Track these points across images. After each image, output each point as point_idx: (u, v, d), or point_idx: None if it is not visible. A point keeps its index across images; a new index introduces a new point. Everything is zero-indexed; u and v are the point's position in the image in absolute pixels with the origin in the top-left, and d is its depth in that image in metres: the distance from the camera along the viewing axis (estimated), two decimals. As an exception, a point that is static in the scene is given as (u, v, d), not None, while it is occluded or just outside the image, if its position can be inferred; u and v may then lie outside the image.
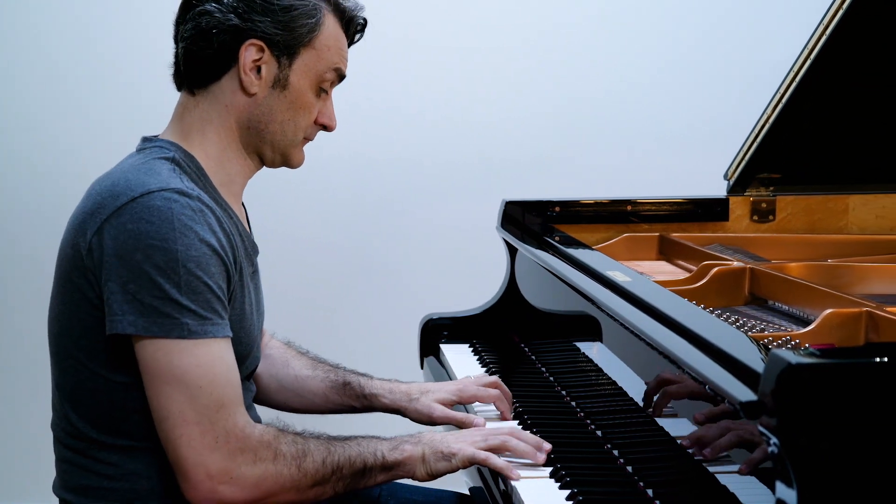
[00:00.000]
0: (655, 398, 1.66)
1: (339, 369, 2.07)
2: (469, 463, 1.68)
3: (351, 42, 1.82)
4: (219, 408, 1.56)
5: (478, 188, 3.54)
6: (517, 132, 3.57)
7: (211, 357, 1.57)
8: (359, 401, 2.02)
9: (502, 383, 2.01)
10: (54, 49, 3.43)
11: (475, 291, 2.81)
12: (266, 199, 3.07)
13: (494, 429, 1.74)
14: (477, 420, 1.90)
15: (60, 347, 1.68)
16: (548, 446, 1.71)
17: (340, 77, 1.79)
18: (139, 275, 1.55)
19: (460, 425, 1.91)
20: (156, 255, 1.55)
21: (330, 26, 1.75)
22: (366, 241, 3.58)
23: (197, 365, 1.55)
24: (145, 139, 1.75)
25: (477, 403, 2.01)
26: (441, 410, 1.96)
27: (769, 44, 3.50)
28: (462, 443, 1.69)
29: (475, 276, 3.31)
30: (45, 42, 3.43)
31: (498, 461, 1.67)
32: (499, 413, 1.98)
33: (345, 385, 2.02)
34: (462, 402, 2.00)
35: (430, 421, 1.98)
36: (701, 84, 3.61)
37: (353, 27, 1.80)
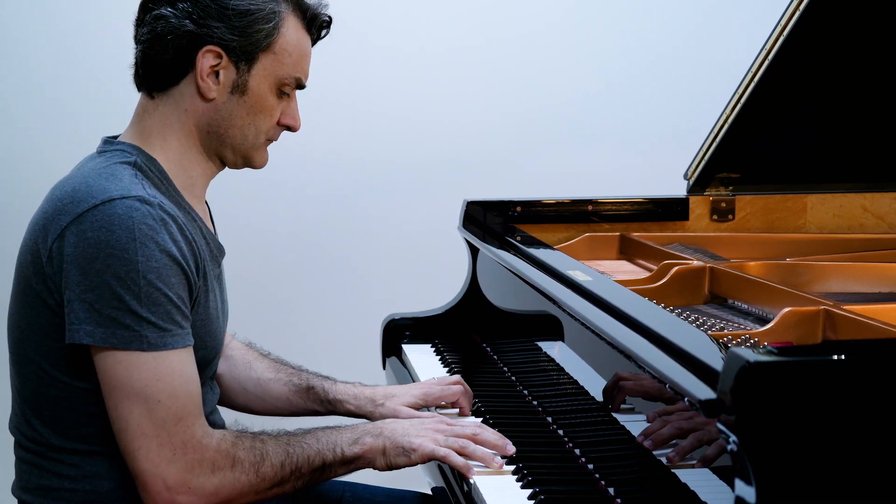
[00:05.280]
0: (613, 393, 1.68)
1: (303, 372, 2.05)
2: (428, 459, 1.69)
3: (315, 40, 1.79)
4: (177, 421, 1.56)
5: (439, 188, 3.54)
6: (479, 132, 3.58)
7: (170, 369, 1.56)
8: (322, 405, 2.01)
9: (464, 382, 2.01)
10: (18, 46, 3.40)
11: (437, 291, 2.81)
12: (227, 197, 3.04)
13: (458, 427, 1.74)
14: None
15: (21, 354, 1.66)
16: (512, 449, 1.72)
17: (300, 87, 1.76)
18: (98, 285, 1.53)
19: None
20: (115, 266, 1.53)
21: (290, 29, 1.71)
22: (327, 241, 3.57)
23: (156, 378, 1.55)
24: (106, 140, 1.72)
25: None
26: (407, 415, 1.93)
27: (728, 44, 3.53)
28: (423, 438, 1.69)
29: (437, 276, 3.31)
30: (7, 39, 3.39)
31: (457, 459, 1.67)
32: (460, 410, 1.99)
33: (308, 389, 2.01)
34: (427, 406, 1.99)
35: None
36: (661, 84, 3.63)
37: (316, 25, 1.76)
